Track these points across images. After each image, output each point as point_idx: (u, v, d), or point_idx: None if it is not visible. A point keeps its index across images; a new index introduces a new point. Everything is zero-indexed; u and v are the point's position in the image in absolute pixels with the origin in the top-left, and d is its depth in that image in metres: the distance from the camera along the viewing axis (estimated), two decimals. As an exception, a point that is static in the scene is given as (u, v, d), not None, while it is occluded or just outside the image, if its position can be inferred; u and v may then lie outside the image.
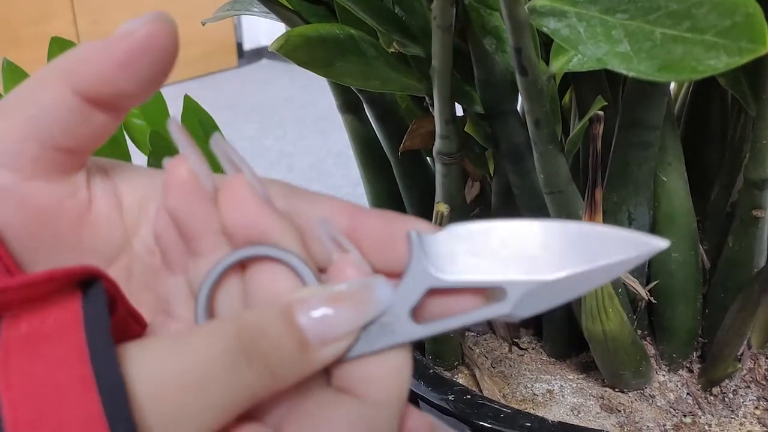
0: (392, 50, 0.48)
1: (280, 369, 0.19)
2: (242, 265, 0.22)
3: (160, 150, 0.46)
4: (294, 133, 2.60)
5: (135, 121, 0.53)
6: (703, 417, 0.51)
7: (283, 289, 0.21)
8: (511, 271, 0.21)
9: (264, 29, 3.60)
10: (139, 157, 0.51)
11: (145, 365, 0.18)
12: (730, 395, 0.52)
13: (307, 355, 0.20)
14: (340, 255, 0.22)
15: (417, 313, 0.22)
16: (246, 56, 3.64)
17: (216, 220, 0.22)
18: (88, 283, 0.19)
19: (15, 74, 0.48)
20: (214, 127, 0.50)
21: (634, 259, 0.22)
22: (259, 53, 3.66)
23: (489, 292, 0.22)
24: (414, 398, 0.51)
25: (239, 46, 3.63)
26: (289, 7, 0.51)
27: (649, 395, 0.52)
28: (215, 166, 0.24)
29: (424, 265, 0.22)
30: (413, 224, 0.23)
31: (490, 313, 0.22)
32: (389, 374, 0.21)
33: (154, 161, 0.47)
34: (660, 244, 0.22)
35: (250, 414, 0.20)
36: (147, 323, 0.23)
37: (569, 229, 0.22)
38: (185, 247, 0.22)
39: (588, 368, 0.55)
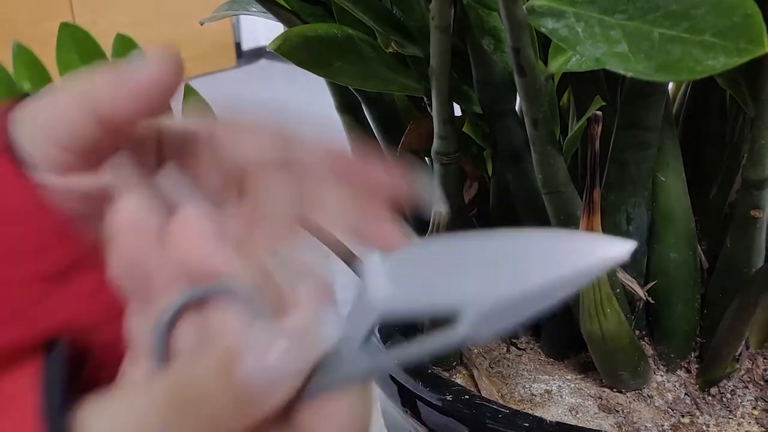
0: (390, 50, 0.48)
1: (219, 421, 0.19)
2: (200, 303, 0.21)
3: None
4: (292, 133, 2.60)
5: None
6: (701, 417, 0.51)
7: (233, 328, 0.21)
8: (467, 290, 0.20)
9: (262, 29, 3.60)
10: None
11: (91, 423, 0.18)
12: (728, 395, 0.52)
13: (245, 407, 0.19)
14: (300, 285, 0.21)
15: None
16: (244, 56, 3.64)
17: (168, 260, 0.21)
18: (52, 343, 0.21)
19: (25, 57, 0.48)
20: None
21: (599, 265, 0.21)
22: (258, 53, 3.66)
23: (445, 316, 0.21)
24: (413, 398, 0.51)
25: (238, 46, 3.63)
26: (287, 7, 0.51)
27: (647, 395, 0.52)
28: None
29: (377, 290, 0.21)
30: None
31: (445, 340, 0.20)
32: (344, 415, 0.20)
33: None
34: (625, 246, 0.20)
35: None
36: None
37: (532, 239, 0.21)
38: (144, 286, 0.22)
39: (586, 368, 0.55)
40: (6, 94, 0.48)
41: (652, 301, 0.53)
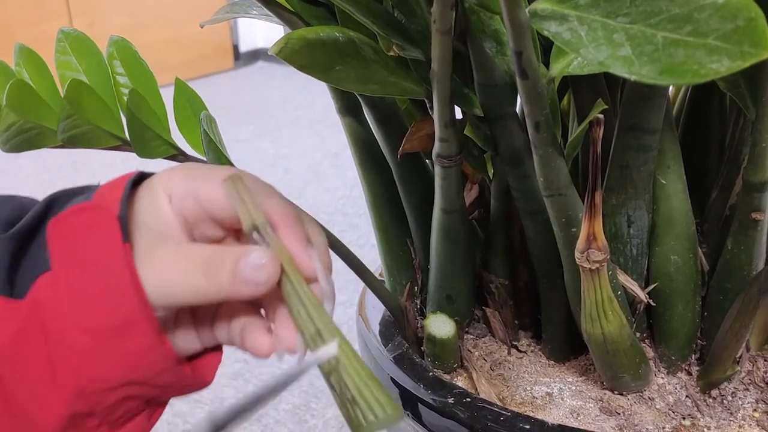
0: (392, 54, 0.48)
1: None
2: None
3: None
4: (290, 135, 2.60)
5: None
6: (702, 419, 0.51)
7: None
8: None
9: (260, 32, 3.60)
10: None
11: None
12: (729, 397, 0.52)
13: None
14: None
15: None
16: (242, 58, 3.64)
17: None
18: None
19: (29, 57, 0.48)
20: (202, 107, 0.51)
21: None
22: (256, 55, 3.66)
23: None
24: (414, 401, 0.51)
25: (235, 48, 3.63)
26: (290, 8, 0.51)
27: (648, 398, 0.52)
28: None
29: None
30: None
31: None
32: None
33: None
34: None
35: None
36: None
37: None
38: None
39: (587, 371, 0.56)
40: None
41: (653, 304, 0.53)
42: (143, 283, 0.31)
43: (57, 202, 0.34)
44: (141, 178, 0.35)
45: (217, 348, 0.37)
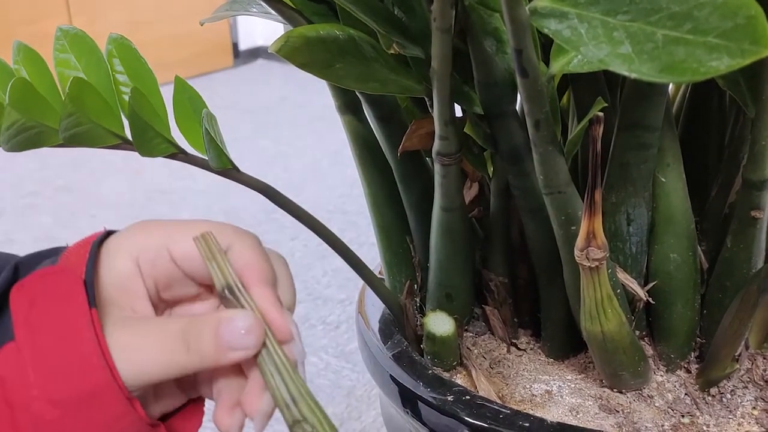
0: (392, 52, 0.48)
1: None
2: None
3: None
4: (289, 133, 2.60)
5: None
6: (701, 417, 0.51)
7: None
8: None
9: (260, 29, 3.60)
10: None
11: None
12: (728, 395, 0.52)
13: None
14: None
15: None
16: (242, 56, 3.64)
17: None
18: None
19: (28, 55, 0.48)
20: (203, 105, 0.51)
21: None
22: (255, 53, 3.66)
23: None
24: (413, 398, 0.51)
25: (235, 46, 3.62)
26: (291, 5, 0.50)
27: (648, 395, 0.52)
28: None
29: None
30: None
31: None
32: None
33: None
34: None
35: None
36: None
37: None
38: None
39: (586, 369, 0.56)
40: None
41: (652, 302, 0.54)
42: (117, 366, 0.29)
43: (24, 266, 0.33)
44: (108, 237, 0.34)
45: (199, 400, 0.36)
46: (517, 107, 0.49)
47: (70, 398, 0.29)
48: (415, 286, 0.62)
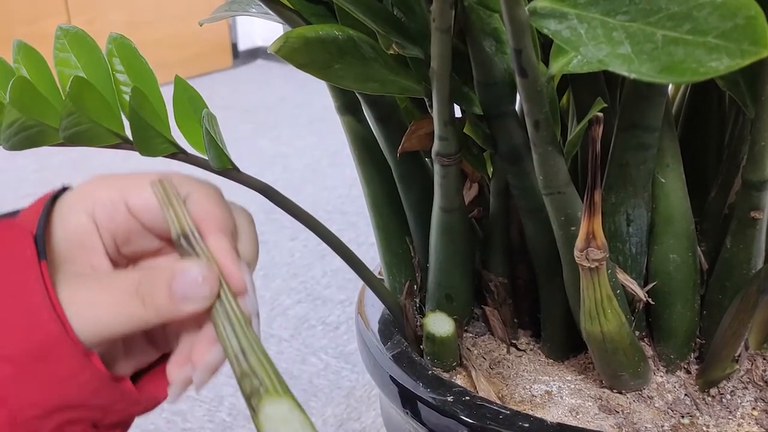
0: (391, 52, 0.48)
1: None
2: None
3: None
4: (289, 133, 2.60)
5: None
6: (701, 418, 0.51)
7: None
8: None
9: (259, 30, 3.60)
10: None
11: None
12: (728, 396, 0.52)
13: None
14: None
15: None
16: (241, 57, 3.64)
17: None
18: None
19: (28, 54, 0.48)
20: (203, 105, 0.51)
21: None
22: (254, 54, 3.66)
23: None
24: (413, 399, 0.51)
25: (234, 46, 3.62)
26: (289, 6, 0.50)
27: (648, 396, 0.52)
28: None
29: None
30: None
31: None
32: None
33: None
34: None
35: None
36: None
37: None
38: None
39: (586, 369, 0.56)
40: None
41: (652, 302, 0.54)
42: (70, 322, 0.29)
43: None
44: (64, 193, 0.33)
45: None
46: (517, 107, 0.49)
47: (22, 353, 0.28)
48: (415, 286, 0.62)
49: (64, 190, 0.33)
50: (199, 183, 0.34)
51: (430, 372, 0.53)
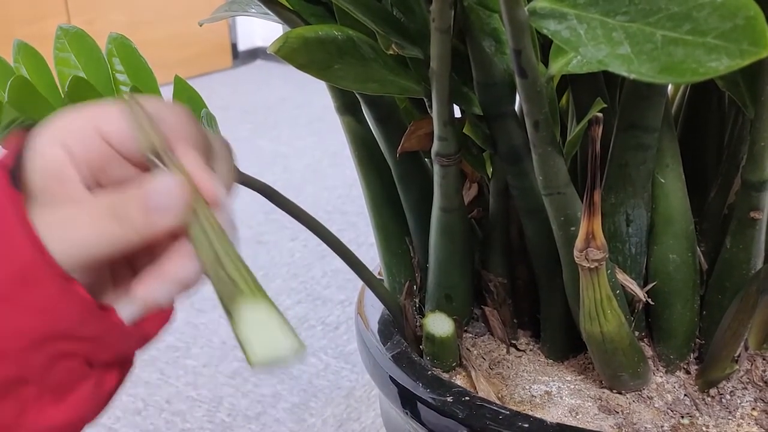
0: (391, 52, 0.48)
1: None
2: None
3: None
4: (288, 133, 2.60)
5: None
6: (700, 418, 0.51)
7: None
8: None
9: (259, 30, 3.60)
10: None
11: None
12: (728, 396, 0.52)
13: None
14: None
15: None
16: (241, 57, 3.64)
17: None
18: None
19: (28, 54, 0.48)
20: (202, 105, 0.51)
21: None
22: (254, 54, 3.66)
23: None
24: (413, 399, 0.51)
25: (234, 46, 3.62)
26: (289, 7, 0.50)
27: (647, 396, 0.52)
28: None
29: None
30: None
31: None
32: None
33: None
34: None
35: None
36: None
37: None
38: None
39: (586, 369, 0.56)
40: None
41: (651, 303, 0.53)
42: (47, 246, 0.28)
43: None
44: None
45: None
46: (516, 108, 0.49)
47: (0, 281, 0.28)
48: (415, 286, 0.62)
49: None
50: (171, 104, 0.34)
51: (429, 372, 0.53)
